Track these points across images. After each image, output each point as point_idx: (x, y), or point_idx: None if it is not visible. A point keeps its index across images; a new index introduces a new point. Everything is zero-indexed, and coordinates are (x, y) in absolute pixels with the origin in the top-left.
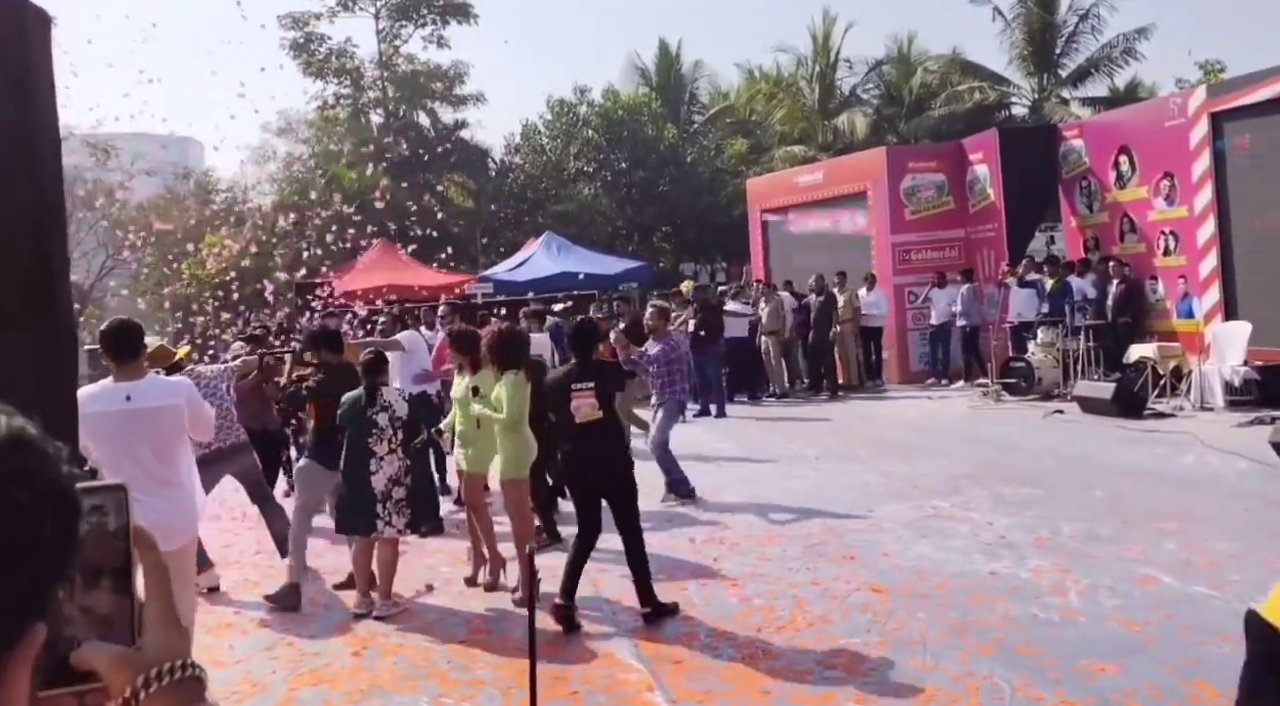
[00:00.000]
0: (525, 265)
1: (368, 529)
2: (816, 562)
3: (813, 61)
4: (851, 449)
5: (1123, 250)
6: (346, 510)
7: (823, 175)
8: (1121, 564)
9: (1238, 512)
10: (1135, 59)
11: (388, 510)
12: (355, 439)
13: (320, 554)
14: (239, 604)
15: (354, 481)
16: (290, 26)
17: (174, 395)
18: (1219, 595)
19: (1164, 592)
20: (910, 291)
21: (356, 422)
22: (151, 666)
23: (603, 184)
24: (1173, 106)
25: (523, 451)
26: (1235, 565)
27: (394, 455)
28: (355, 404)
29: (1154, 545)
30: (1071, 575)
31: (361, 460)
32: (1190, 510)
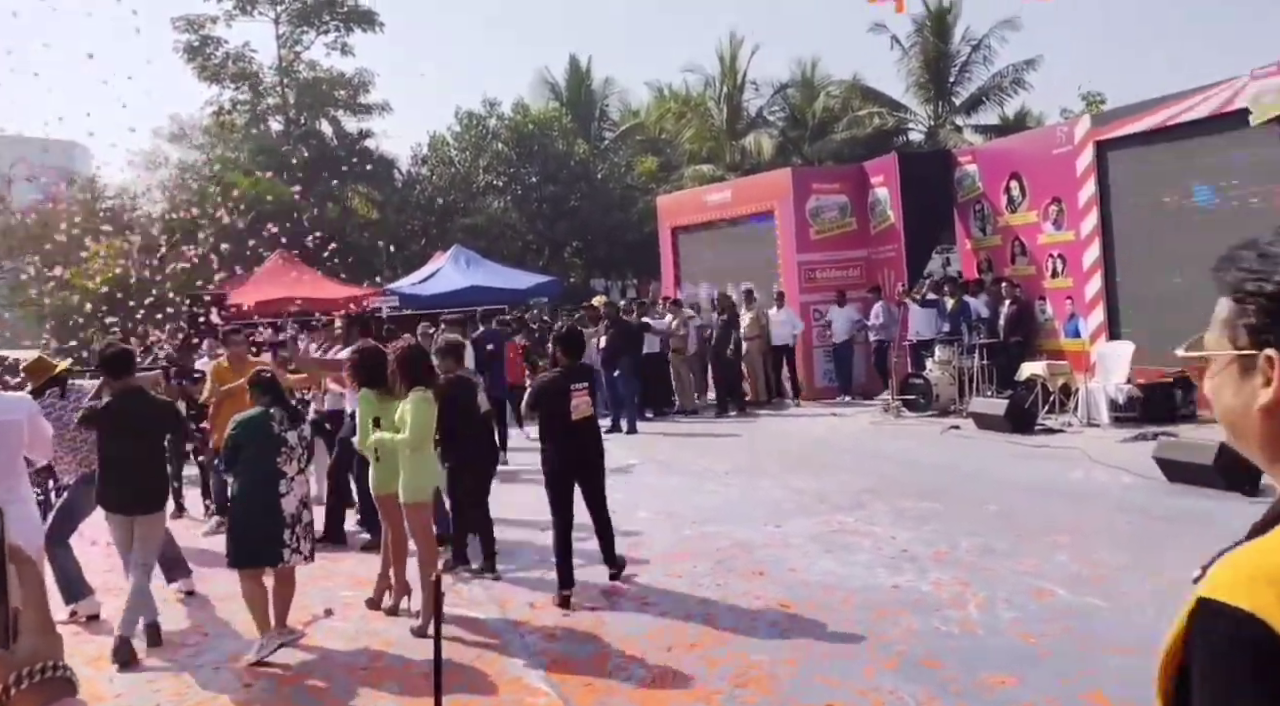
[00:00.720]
0: (433, 279)
1: (274, 559)
2: (727, 578)
3: (720, 82)
4: (760, 464)
5: (1014, 272)
6: (247, 539)
7: (731, 194)
8: (1017, 577)
9: (1124, 526)
10: (1024, 89)
11: (296, 536)
12: (261, 459)
13: (208, 578)
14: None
15: (258, 506)
16: (185, 29)
17: (14, 411)
18: (1110, 607)
19: (1058, 605)
20: (815, 309)
21: (262, 442)
22: (23, 666)
23: (513, 198)
24: (1060, 135)
25: (425, 473)
26: (1124, 577)
27: (303, 475)
28: (259, 421)
29: (1047, 558)
30: (970, 588)
31: (269, 482)
32: (1080, 523)
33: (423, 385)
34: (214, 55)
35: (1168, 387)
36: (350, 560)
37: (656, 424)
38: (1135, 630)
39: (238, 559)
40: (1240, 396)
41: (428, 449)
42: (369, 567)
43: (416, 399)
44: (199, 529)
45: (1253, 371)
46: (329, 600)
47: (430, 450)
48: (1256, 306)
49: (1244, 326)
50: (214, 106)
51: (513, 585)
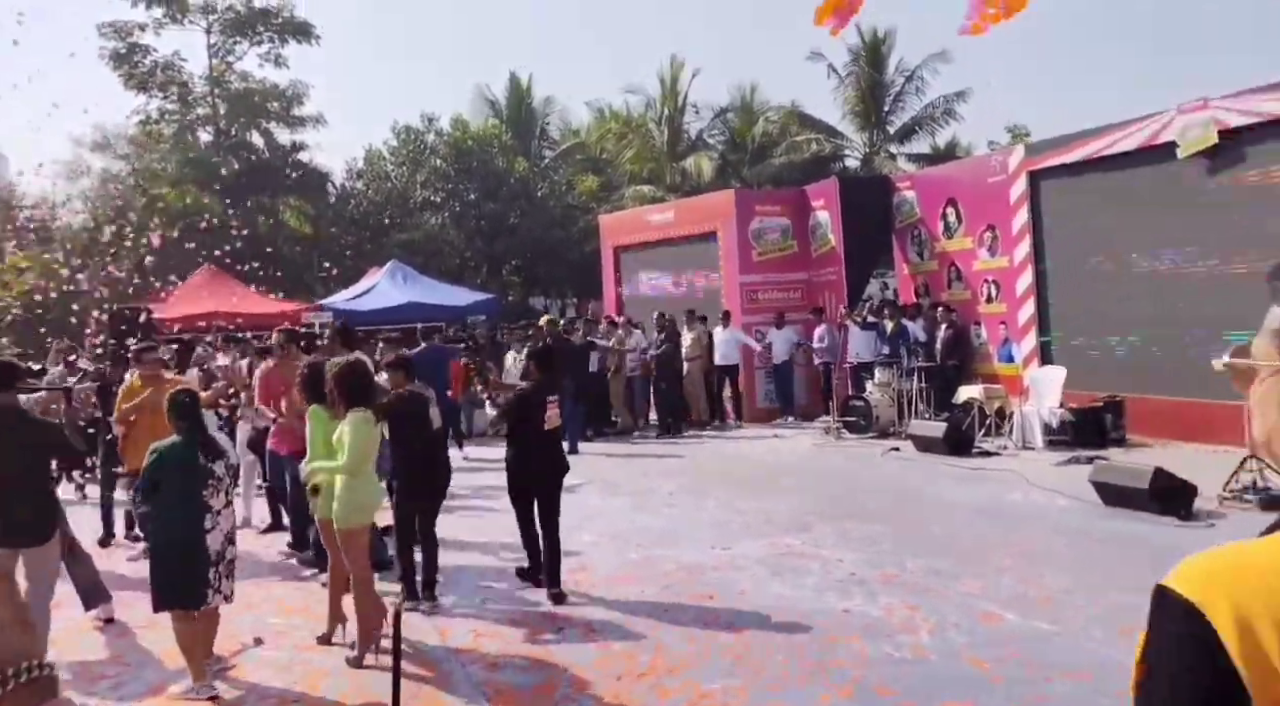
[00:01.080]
0: (369, 294)
1: (198, 601)
2: (675, 604)
3: (661, 104)
4: (705, 485)
5: (950, 297)
6: (170, 580)
7: (674, 214)
8: (965, 600)
9: (1064, 548)
10: (955, 119)
11: (219, 575)
12: (184, 492)
13: (129, 604)
14: None
15: (180, 545)
16: (111, 36)
17: None
18: (1058, 630)
19: (1007, 629)
20: (756, 330)
21: (184, 474)
22: (7, 666)
23: (451, 214)
24: (995, 163)
25: (362, 497)
26: (1069, 600)
27: (229, 508)
28: (180, 450)
29: (993, 581)
30: (920, 612)
31: (192, 518)
32: (1022, 546)
33: (362, 405)
34: (141, 63)
35: (1098, 412)
36: (281, 587)
37: (597, 444)
38: (1084, 654)
39: (163, 601)
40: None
41: (365, 471)
42: (302, 595)
43: (355, 420)
44: (124, 552)
45: None
46: (257, 628)
47: (369, 472)
48: None
49: None
50: (141, 116)
51: (453, 613)
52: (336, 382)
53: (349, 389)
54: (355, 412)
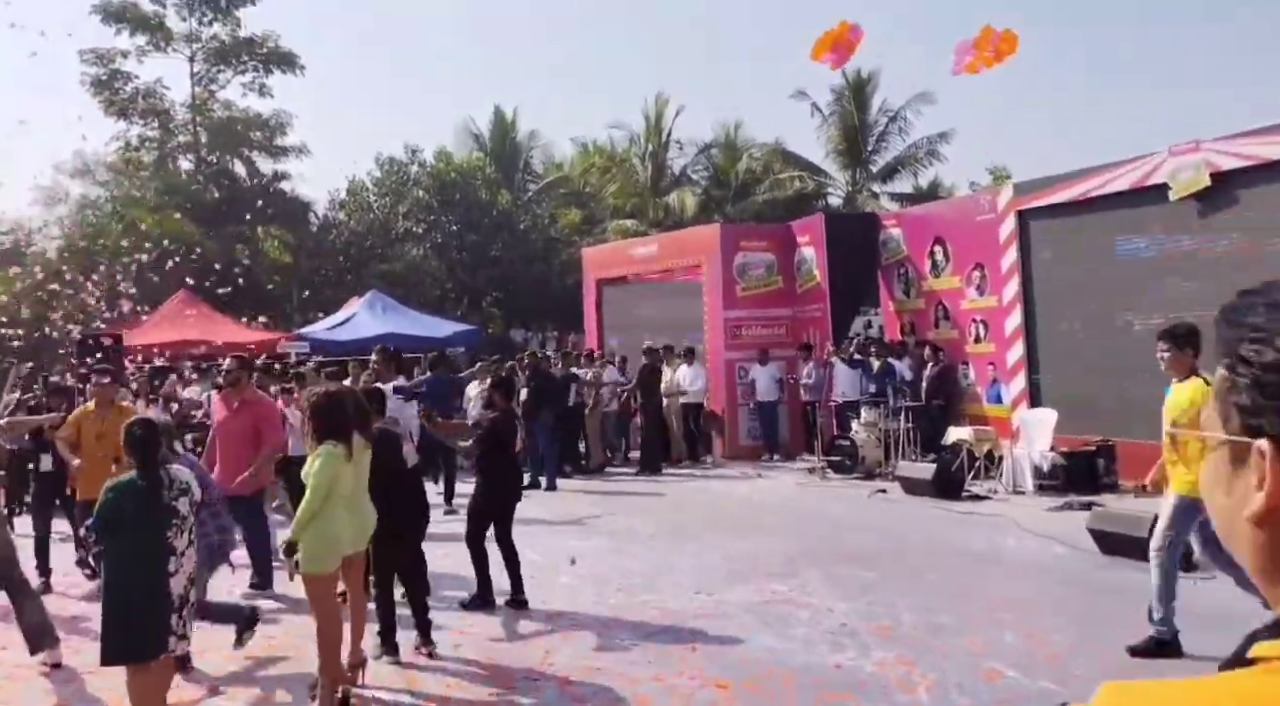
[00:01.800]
0: (347, 324)
1: (159, 649)
2: (658, 654)
3: (645, 140)
4: (686, 526)
5: (937, 336)
6: (130, 629)
7: (658, 248)
8: (966, 656)
9: (1065, 600)
10: (938, 160)
11: (182, 620)
12: (146, 534)
13: (79, 649)
14: None
15: (142, 590)
16: (93, 62)
17: None
18: (1065, 692)
19: (1011, 688)
20: (740, 366)
21: (144, 514)
22: None
23: (432, 245)
24: (984, 202)
25: (326, 539)
26: (1074, 657)
27: (192, 548)
28: (138, 488)
29: (994, 636)
30: (917, 669)
31: (156, 560)
32: (1021, 597)
33: (335, 438)
34: (123, 90)
35: (1090, 456)
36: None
37: (574, 481)
38: None
39: (118, 654)
40: (1232, 494)
41: (329, 511)
42: (262, 639)
43: (322, 452)
44: (73, 590)
45: (1245, 464)
46: (216, 675)
47: (334, 512)
48: (1250, 379)
49: (1235, 405)
50: (121, 142)
51: (423, 660)
52: (311, 414)
53: (321, 421)
54: (324, 446)
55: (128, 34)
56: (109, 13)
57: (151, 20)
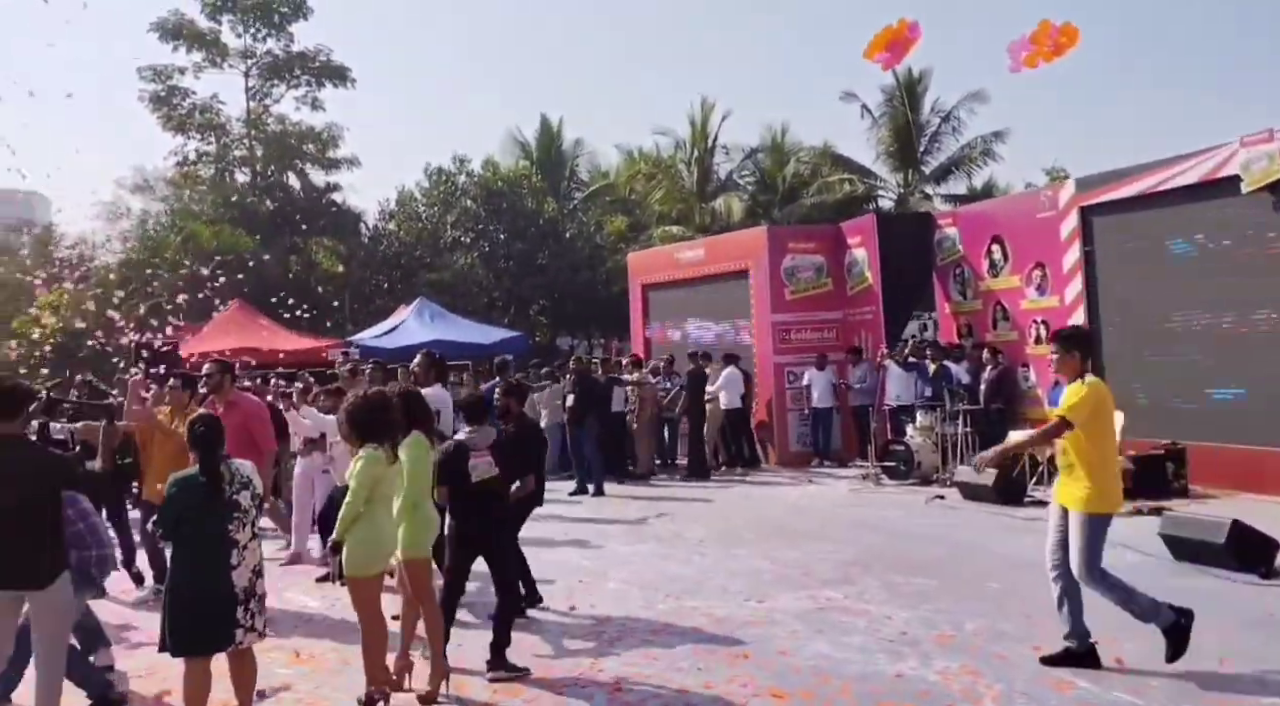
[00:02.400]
0: (396, 332)
1: (226, 641)
2: (708, 661)
3: (691, 146)
4: (736, 532)
5: (996, 337)
6: (194, 621)
7: (704, 252)
8: (1033, 665)
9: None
10: (993, 160)
11: (250, 612)
12: (207, 528)
13: (126, 657)
14: None
15: (204, 584)
16: (151, 79)
17: None
18: (1140, 703)
19: (1084, 699)
20: (790, 371)
21: (206, 508)
22: None
23: (480, 254)
24: (1044, 199)
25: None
26: (1150, 667)
27: (256, 541)
28: (200, 484)
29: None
30: (983, 679)
31: (218, 554)
32: (1091, 604)
33: (374, 440)
34: (180, 106)
35: (1159, 460)
36: (295, 635)
37: (621, 487)
38: None
39: (182, 646)
40: None
41: (372, 513)
42: (315, 644)
43: (363, 455)
44: (126, 596)
45: None
46: (265, 678)
47: (378, 515)
48: None
49: None
50: (178, 157)
51: (470, 667)
52: (347, 416)
53: (359, 423)
54: (365, 448)
55: (184, 51)
56: (166, 30)
57: (207, 37)
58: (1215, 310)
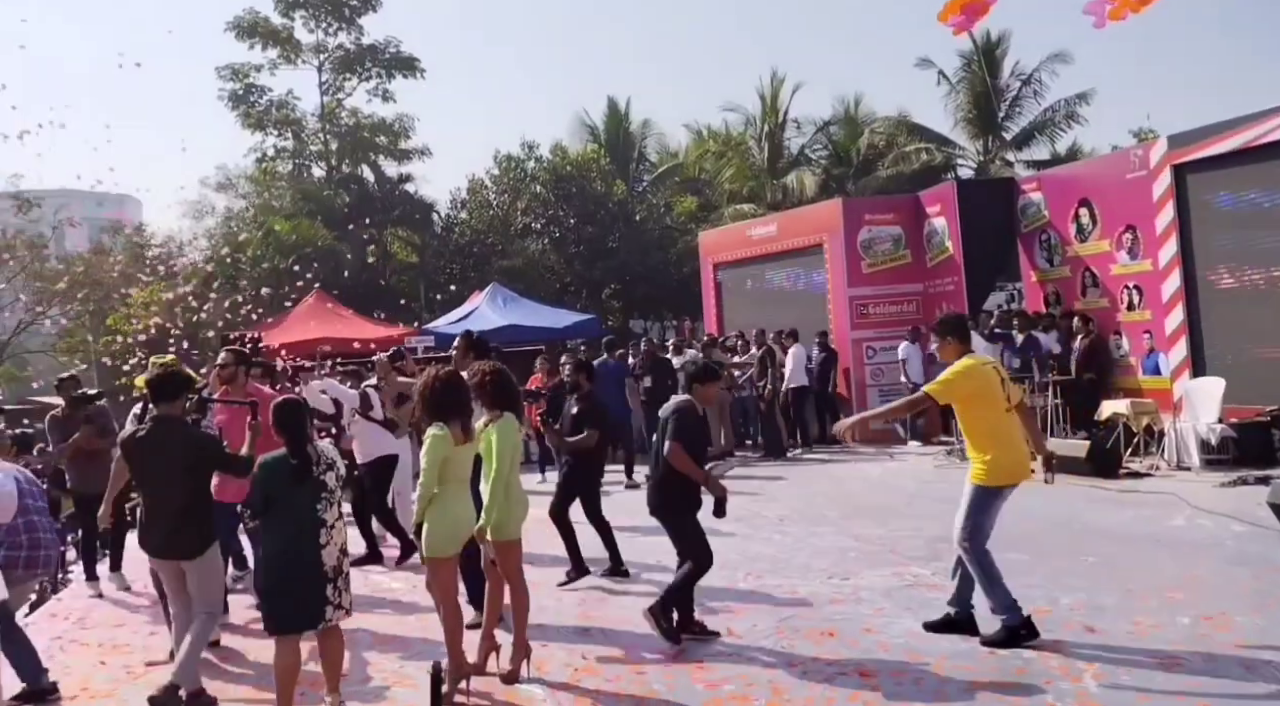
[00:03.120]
0: (470, 318)
1: (316, 620)
2: (792, 640)
3: (761, 121)
4: (817, 510)
5: (1085, 305)
6: (282, 600)
7: (777, 227)
8: (1135, 641)
9: (1248, 581)
10: (1077, 123)
11: (338, 589)
12: (297, 508)
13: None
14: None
15: (294, 562)
16: (229, 78)
17: None
18: (1256, 678)
19: (1192, 675)
20: (869, 346)
21: (294, 488)
22: None
23: (550, 240)
24: (1134, 158)
25: (445, 523)
26: (1264, 642)
27: (342, 520)
28: (285, 466)
29: (1167, 619)
30: (1082, 655)
31: (308, 533)
32: (1196, 578)
33: (442, 420)
34: (258, 103)
35: (1264, 427)
36: (375, 617)
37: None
38: None
39: (276, 625)
40: None
41: (447, 493)
42: (400, 622)
43: (429, 434)
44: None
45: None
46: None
47: (452, 495)
48: None
49: None
50: (257, 153)
51: (551, 643)
52: (420, 395)
53: (429, 402)
54: (431, 428)
55: (260, 48)
56: (242, 28)
57: (281, 33)
58: None
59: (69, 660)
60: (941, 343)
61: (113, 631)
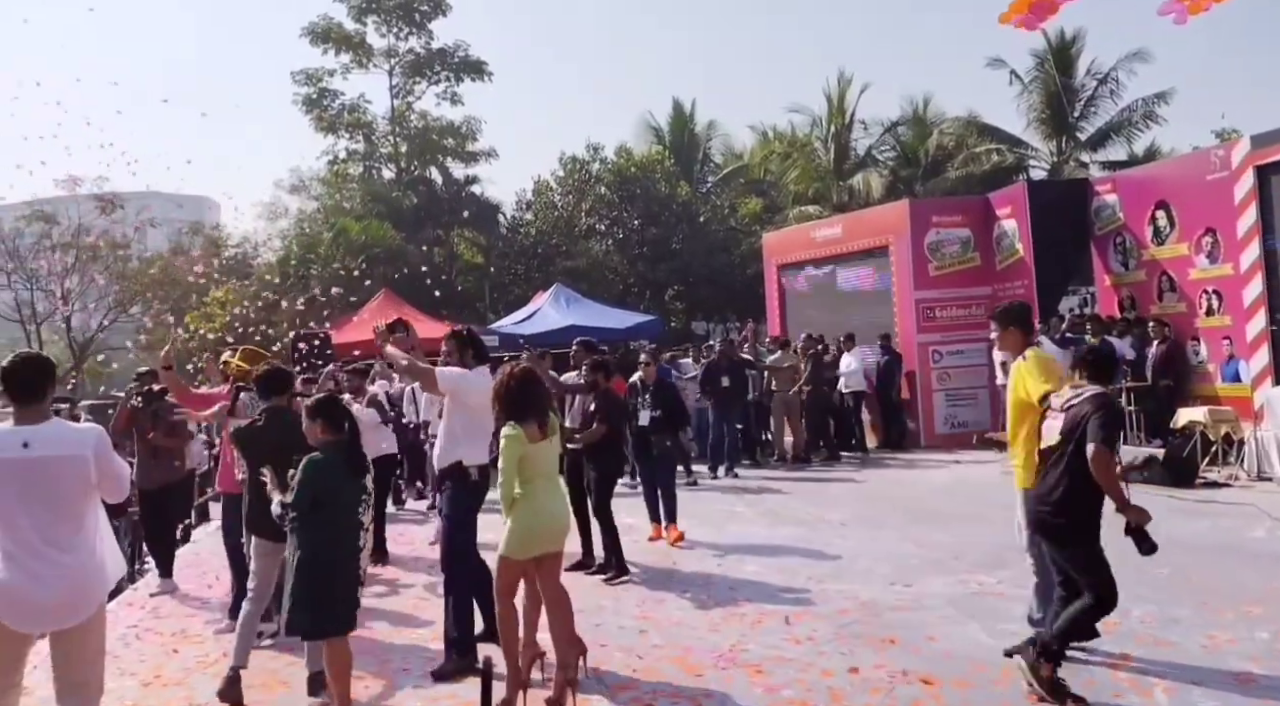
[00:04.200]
0: (533, 318)
1: (349, 625)
2: (852, 646)
3: (827, 122)
4: (881, 515)
5: (1161, 310)
6: (316, 606)
7: (842, 229)
8: (1209, 656)
9: None
10: (1155, 123)
11: (361, 594)
12: (342, 509)
13: None
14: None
15: (336, 565)
16: (303, 82)
17: (80, 445)
18: None
19: (1269, 691)
20: (934, 350)
21: (342, 489)
22: None
23: (614, 241)
24: (1214, 159)
25: (519, 524)
26: None
27: (372, 524)
28: (339, 465)
29: (1244, 634)
30: (1153, 667)
31: (350, 536)
32: (1276, 592)
33: (516, 419)
34: (330, 107)
35: None
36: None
37: (758, 470)
38: None
39: (321, 627)
40: None
41: (531, 491)
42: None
43: (502, 435)
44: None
45: None
46: (405, 656)
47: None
48: None
49: None
50: (329, 156)
51: (608, 641)
52: (496, 393)
53: (505, 400)
54: (505, 427)
55: (333, 54)
56: (316, 34)
57: (354, 38)
58: None
59: (144, 648)
60: (1003, 332)
61: (185, 621)
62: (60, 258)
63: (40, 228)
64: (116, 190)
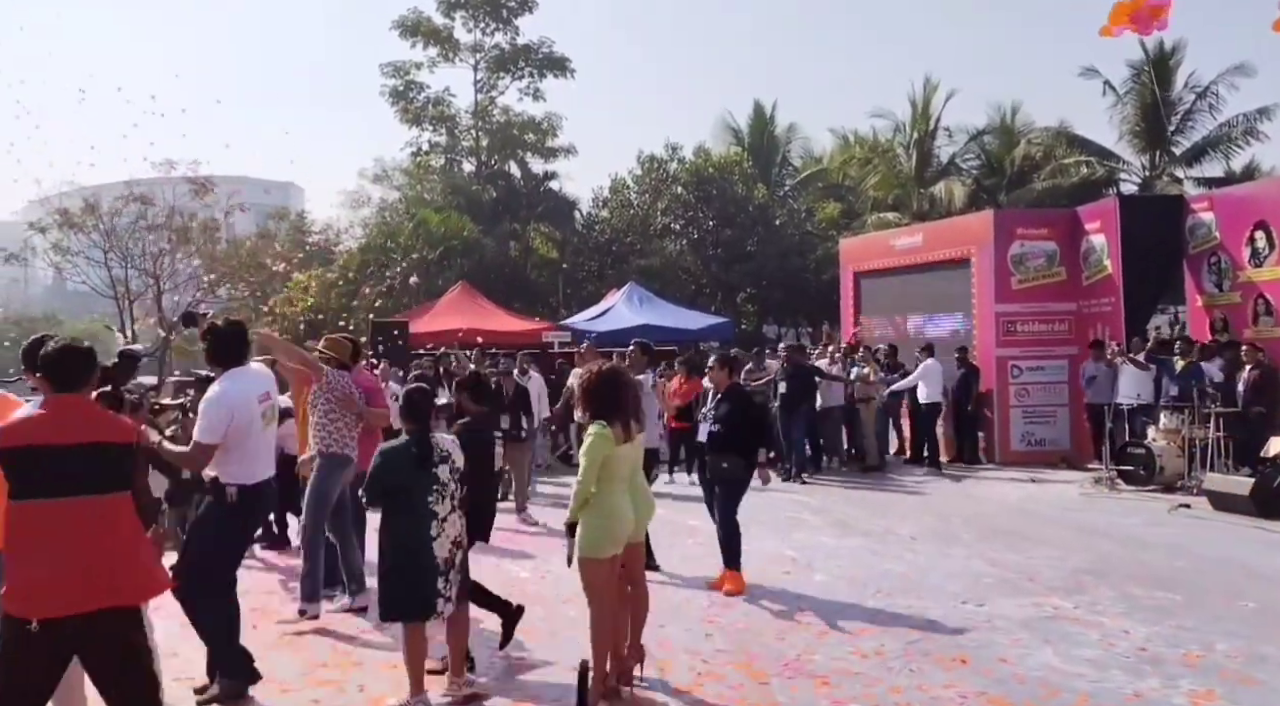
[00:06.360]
0: (606, 316)
1: (428, 611)
2: (921, 663)
3: (910, 128)
4: (952, 530)
5: (1256, 334)
6: (395, 589)
7: (923, 238)
8: None
9: None
10: (1257, 140)
11: (449, 582)
12: (411, 499)
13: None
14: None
15: (408, 552)
16: (391, 74)
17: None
18: None
19: None
20: (1014, 365)
21: (410, 479)
22: None
23: (689, 241)
24: None
25: (597, 524)
26: None
27: (455, 514)
28: (406, 456)
29: None
30: (1239, 705)
31: (420, 525)
32: None
33: (603, 417)
34: (416, 99)
35: None
36: None
37: (830, 478)
38: None
39: (392, 611)
40: None
41: (607, 492)
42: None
43: (591, 431)
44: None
45: None
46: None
47: (612, 494)
48: None
49: None
50: (413, 147)
51: (676, 646)
52: (581, 391)
53: (592, 399)
54: (594, 425)
55: (421, 47)
56: (406, 27)
57: (442, 32)
58: None
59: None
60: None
61: (264, 598)
62: (155, 239)
63: (137, 208)
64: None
